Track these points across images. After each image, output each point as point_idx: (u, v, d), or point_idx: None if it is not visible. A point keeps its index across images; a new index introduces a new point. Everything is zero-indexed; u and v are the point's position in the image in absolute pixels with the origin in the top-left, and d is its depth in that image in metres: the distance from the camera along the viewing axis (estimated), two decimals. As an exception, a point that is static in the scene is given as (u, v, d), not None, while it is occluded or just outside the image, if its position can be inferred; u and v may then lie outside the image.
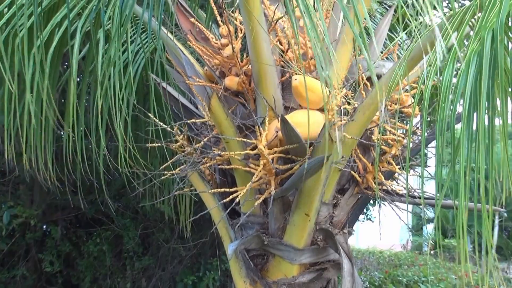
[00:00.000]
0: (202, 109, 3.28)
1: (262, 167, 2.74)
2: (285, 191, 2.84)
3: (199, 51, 3.11)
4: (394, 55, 3.33)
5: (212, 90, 3.03)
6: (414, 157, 3.29)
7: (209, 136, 3.17)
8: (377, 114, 2.99)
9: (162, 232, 7.51)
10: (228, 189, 2.93)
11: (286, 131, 2.64)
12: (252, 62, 2.94)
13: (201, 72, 3.26)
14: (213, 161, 3.14)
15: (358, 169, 3.09)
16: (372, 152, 3.12)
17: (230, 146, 2.94)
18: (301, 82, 2.73)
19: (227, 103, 3.11)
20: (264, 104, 2.93)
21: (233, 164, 2.96)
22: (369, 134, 3.05)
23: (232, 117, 2.97)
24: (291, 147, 2.71)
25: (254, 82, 3.00)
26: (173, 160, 3.33)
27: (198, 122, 3.29)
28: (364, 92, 3.03)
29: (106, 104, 3.03)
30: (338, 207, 3.12)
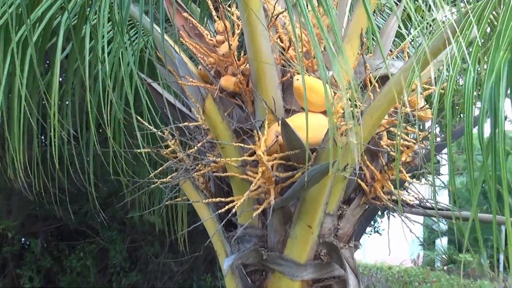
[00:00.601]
0: (196, 111, 3.27)
1: (261, 175, 2.73)
2: (285, 201, 2.84)
3: (193, 49, 3.11)
4: (405, 53, 3.34)
5: (207, 91, 3.03)
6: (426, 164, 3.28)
7: (203, 141, 3.16)
8: (386, 118, 3.00)
9: (151, 245, 7.49)
10: (223, 198, 2.93)
11: (287, 136, 2.64)
12: (250, 61, 2.94)
13: (195, 72, 3.26)
14: (207, 168, 3.13)
15: (365, 178, 3.09)
16: (381, 159, 3.12)
17: (226, 152, 2.94)
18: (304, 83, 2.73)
19: (223, 105, 3.11)
20: (263, 106, 2.93)
21: (229, 171, 2.95)
22: (377, 140, 3.05)
23: (228, 121, 2.96)
24: (292, 153, 2.71)
25: (252, 83, 3.00)
26: (164, 167, 3.33)
27: (191, 125, 3.29)
28: (372, 94, 3.03)
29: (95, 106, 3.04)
30: (343, 219, 3.12)
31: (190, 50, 3.15)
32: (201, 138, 3.19)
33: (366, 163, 3.04)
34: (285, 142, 2.69)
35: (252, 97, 3.07)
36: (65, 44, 3.79)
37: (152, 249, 7.50)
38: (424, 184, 3.30)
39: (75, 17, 3.46)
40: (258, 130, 2.81)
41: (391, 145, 3.11)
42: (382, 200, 3.08)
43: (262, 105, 2.95)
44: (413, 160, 3.12)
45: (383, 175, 3.05)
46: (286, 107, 3.06)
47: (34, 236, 7.26)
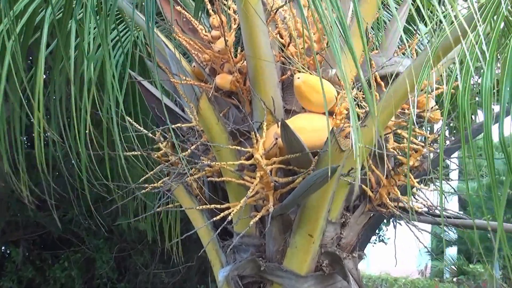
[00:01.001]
0: (189, 112, 3.27)
1: (259, 180, 2.73)
2: (285, 208, 2.84)
3: (186, 45, 3.11)
4: (413, 50, 3.34)
5: (201, 90, 3.02)
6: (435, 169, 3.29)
7: (197, 144, 3.16)
8: (393, 119, 3.00)
9: (140, 255, 7.48)
10: (219, 205, 2.92)
11: (287, 138, 2.63)
12: (248, 58, 2.94)
13: (188, 69, 3.25)
14: (201, 172, 3.13)
15: (370, 183, 3.09)
16: (387, 163, 3.11)
17: (222, 155, 2.94)
18: (305, 82, 2.73)
19: (218, 105, 3.11)
20: (262, 106, 2.93)
21: (225, 176, 2.95)
22: (383, 142, 3.05)
23: (224, 122, 2.96)
24: (292, 156, 2.70)
25: (250, 81, 3.00)
26: (154, 171, 3.32)
27: (184, 127, 3.29)
28: (378, 94, 3.03)
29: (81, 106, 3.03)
30: (346, 227, 3.12)
31: (183, 46, 3.14)
32: (195, 140, 3.19)
33: (371, 168, 3.04)
34: (285, 145, 2.69)
35: (249, 96, 3.06)
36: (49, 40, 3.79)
37: (141, 258, 7.49)
38: (433, 190, 3.29)
39: (60, 10, 3.45)
40: (256, 132, 2.81)
41: (398, 149, 3.11)
42: (388, 207, 3.08)
43: (260, 105, 2.94)
44: (421, 164, 3.12)
45: (389, 181, 3.05)
46: (286, 108, 3.06)
47: (15, 244, 7.24)
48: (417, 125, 3.21)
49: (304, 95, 2.76)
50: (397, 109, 2.86)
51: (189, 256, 6.67)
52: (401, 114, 3.06)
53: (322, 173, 2.56)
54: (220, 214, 2.79)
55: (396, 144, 3.12)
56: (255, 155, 2.71)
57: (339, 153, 2.61)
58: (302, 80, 2.74)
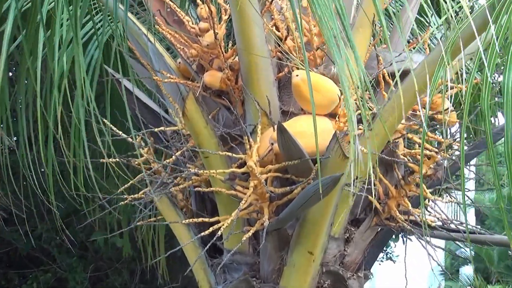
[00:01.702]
0: (174, 114, 3.27)
1: (253, 190, 2.73)
2: (282, 222, 2.83)
3: (171, 38, 3.10)
4: (425, 45, 3.35)
5: (187, 89, 3.02)
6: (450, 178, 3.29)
7: (183, 149, 3.16)
8: (403, 122, 3.00)
9: (118, 274, 7.46)
10: (207, 219, 2.92)
11: (284, 143, 2.63)
12: (240, 53, 2.93)
13: (173, 66, 3.25)
14: (187, 182, 3.12)
15: (377, 194, 3.09)
16: (396, 172, 3.12)
17: (211, 163, 2.93)
18: (304, 80, 2.72)
19: (206, 106, 3.10)
20: (256, 107, 2.92)
21: (214, 186, 2.94)
22: (392, 148, 3.05)
23: (214, 125, 2.96)
24: (290, 164, 2.70)
25: (243, 79, 3.00)
26: (134, 180, 3.31)
27: (168, 131, 3.28)
28: (386, 93, 3.03)
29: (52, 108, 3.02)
30: (351, 243, 3.12)
31: (167, 39, 3.14)
32: (180, 145, 3.18)
33: (379, 177, 3.04)
34: (282, 151, 2.69)
35: (242, 96, 3.06)
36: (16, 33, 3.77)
37: (119, 278, 7.47)
38: (448, 201, 3.29)
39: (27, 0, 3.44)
40: (249, 136, 2.80)
41: (409, 155, 3.11)
42: (398, 220, 3.08)
43: (254, 106, 2.94)
44: (435, 173, 3.12)
45: (399, 191, 3.05)
46: (283, 109, 3.06)
47: (-23, 263, 7.21)
48: (430, 129, 3.21)
49: (303, 94, 2.76)
50: (407, 111, 2.87)
51: (174, 275, 6.65)
52: (412, 116, 3.06)
53: (323, 183, 2.55)
54: (209, 229, 2.78)
55: (406, 150, 3.11)
56: (248, 163, 2.71)
57: (342, 160, 2.61)
58: (301, 78, 2.73)
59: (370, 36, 3.10)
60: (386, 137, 2.76)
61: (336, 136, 2.58)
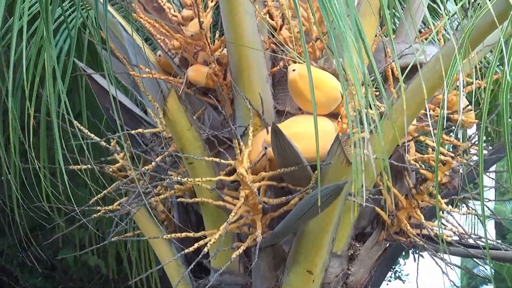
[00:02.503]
0: (154, 114, 3.26)
1: (243, 201, 2.72)
2: (277, 237, 2.83)
3: (150, 28, 3.10)
4: (440, 35, 3.35)
5: (169, 86, 3.01)
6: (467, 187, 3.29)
7: (164, 155, 3.15)
8: (414, 123, 2.99)
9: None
10: (191, 233, 2.92)
11: (279, 148, 2.62)
12: (229, 45, 2.94)
13: (153, 59, 3.25)
14: (169, 191, 3.12)
15: (385, 205, 3.09)
16: (407, 179, 3.12)
17: (195, 170, 2.93)
18: (302, 75, 2.72)
19: (191, 105, 3.11)
20: (247, 106, 2.92)
21: (200, 196, 2.94)
22: (402, 153, 3.06)
23: (199, 126, 2.96)
24: (286, 171, 2.70)
25: (232, 74, 3.00)
26: (109, 190, 3.31)
27: (147, 133, 3.28)
28: (395, 90, 3.03)
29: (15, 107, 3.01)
30: (356, 261, 3.12)
31: (145, 29, 3.13)
32: (161, 150, 3.18)
33: (387, 185, 3.04)
34: (277, 156, 2.69)
35: (231, 94, 3.06)
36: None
37: (92, 301, 7.46)
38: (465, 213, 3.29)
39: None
40: (239, 139, 2.80)
41: (421, 161, 3.11)
42: (409, 235, 3.08)
43: (245, 105, 2.95)
44: (451, 180, 3.13)
45: (410, 202, 3.05)
46: (277, 108, 3.07)
47: None
48: (446, 131, 3.22)
49: (300, 92, 2.76)
50: (419, 110, 2.86)
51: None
52: (425, 116, 3.06)
53: (324, 192, 2.55)
54: (194, 245, 2.77)
55: (418, 155, 3.12)
56: (238, 170, 2.70)
57: (346, 167, 2.61)
58: (298, 73, 2.73)
59: (376, 26, 3.10)
60: (396, 140, 2.75)
61: (338, 139, 2.58)
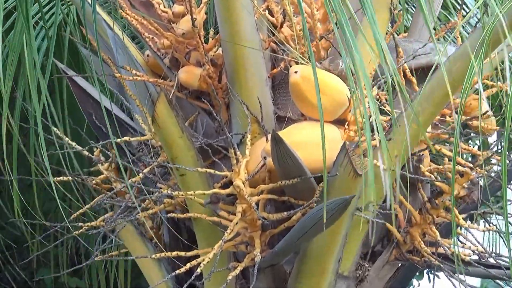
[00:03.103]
0: (141, 120, 3.26)
1: (241, 216, 2.71)
2: (278, 256, 2.83)
3: (137, 25, 3.10)
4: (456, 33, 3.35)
5: (158, 90, 3.01)
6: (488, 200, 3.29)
7: (153, 165, 3.14)
8: (429, 130, 2.99)
9: (72, 321, 7.43)
10: (183, 252, 2.91)
11: (280, 157, 2.62)
12: (225, 44, 2.94)
13: (140, 60, 3.26)
14: (158, 206, 3.11)
15: (397, 221, 3.10)
16: (421, 193, 3.12)
17: (187, 182, 2.93)
18: (305, 77, 2.72)
19: (182, 110, 3.12)
20: (244, 112, 2.92)
21: (192, 211, 2.93)
22: (415, 163, 3.05)
23: (191, 134, 2.96)
24: (288, 183, 2.69)
25: (228, 76, 3.00)
26: (91, 204, 3.30)
27: (134, 141, 3.27)
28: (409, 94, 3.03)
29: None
30: (364, 283, 3.12)
31: (133, 27, 3.13)
32: (150, 160, 3.17)
33: (399, 199, 3.04)
34: (277, 167, 2.68)
35: (227, 98, 3.07)
36: None
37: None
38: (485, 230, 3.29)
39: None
40: (236, 148, 2.79)
41: (436, 172, 3.11)
42: (423, 254, 3.08)
43: (242, 111, 2.94)
44: (469, 194, 3.12)
45: (424, 217, 3.05)
46: (278, 114, 3.07)
47: None
48: (464, 138, 3.21)
49: (303, 96, 2.75)
50: (434, 116, 2.86)
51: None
52: (441, 123, 3.06)
53: (330, 207, 2.54)
54: (186, 265, 2.76)
55: (433, 166, 3.11)
56: (234, 182, 2.70)
57: (353, 179, 2.61)
58: (301, 75, 2.72)
59: (387, 22, 3.10)
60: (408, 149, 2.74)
61: (345, 148, 2.57)
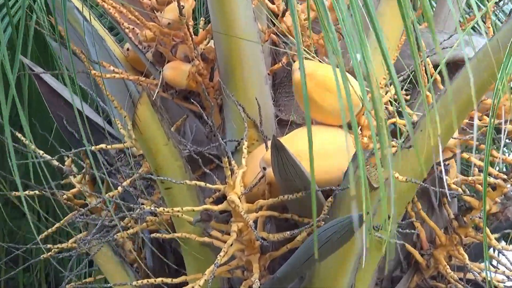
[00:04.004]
0: (120, 125, 3.26)
1: (236, 236, 2.71)
2: (279, 282, 2.82)
3: (115, 14, 3.09)
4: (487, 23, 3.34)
5: (140, 89, 3.00)
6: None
7: (134, 177, 3.14)
8: (456, 136, 2.98)
9: None
10: (169, 279, 2.91)
11: (282, 168, 2.62)
12: (217, 36, 2.94)
13: (119, 55, 3.26)
14: (140, 225, 3.11)
15: (419, 241, 3.09)
16: (447, 209, 3.12)
17: (174, 197, 2.92)
18: (311, 74, 2.72)
19: (168, 113, 3.12)
20: (240, 115, 2.93)
21: (179, 231, 2.94)
22: (439, 174, 3.05)
23: (178, 141, 2.95)
24: (291, 198, 2.69)
25: (221, 74, 3.00)
26: (62, 222, 3.29)
27: (112, 149, 3.27)
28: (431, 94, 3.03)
29: None
30: (381, 314, 3.12)
31: (110, 16, 3.13)
32: (130, 172, 3.18)
33: (420, 216, 3.03)
34: (279, 179, 2.68)
35: (219, 99, 3.07)
36: None
37: None
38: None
39: None
40: (230, 157, 2.80)
41: (464, 184, 3.10)
42: (449, 280, 3.07)
43: (237, 113, 2.95)
44: (503, 210, 3.12)
45: (450, 237, 3.05)
46: (279, 117, 3.07)
47: None
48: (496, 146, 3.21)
49: (309, 96, 2.75)
50: (462, 120, 2.86)
51: None
52: (470, 127, 3.06)
53: (339, 226, 2.54)
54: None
55: (461, 177, 3.11)
56: (229, 196, 2.69)
57: (367, 193, 2.59)
58: (306, 73, 2.71)
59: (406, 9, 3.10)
60: (432, 158, 2.74)
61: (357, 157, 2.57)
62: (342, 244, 2.64)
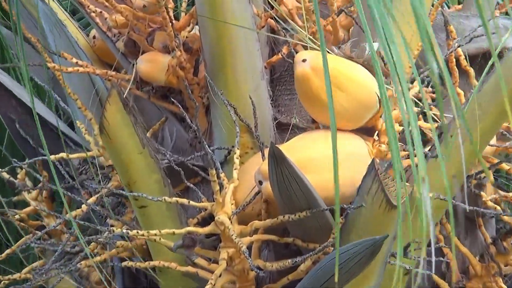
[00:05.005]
0: (85, 130, 3.22)
1: (226, 265, 2.68)
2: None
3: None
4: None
5: (109, 85, 2.97)
6: None
7: (101, 193, 3.11)
8: (493, 143, 2.96)
9: None
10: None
11: (282, 182, 2.58)
12: (203, 21, 2.92)
13: (83, 44, 3.24)
14: (109, 251, 3.09)
15: (449, 271, 3.06)
16: (483, 231, 3.10)
17: (150, 217, 2.91)
18: (316, 67, 2.68)
19: (143, 115, 3.11)
20: (230, 117, 2.91)
21: (156, 258, 2.92)
22: (473, 189, 3.02)
23: (156, 149, 2.93)
24: (293, 218, 2.65)
25: (207, 67, 2.98)
26: (13, 249, 3.27)
27: (76, 159, 3.26)
28: (463, 92, 3.01)
29: None
30: None
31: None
32: (96, 186, 3.15)
33: (452, 241, 3.01)
34: (278, 196, 2.64)
35: (206, 98, 3.06)
36: None
37: None
38: None
39: None
40: (219, 168, 2.78)
41: (504, 201, 3.08)
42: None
43: (227, 115, 2.93)
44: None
45: (487, 266, 3.03)
46: (279, 120, 3.07)
47: None
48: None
49: (315, 94, 2.71)
50: (500, 124, 2.83)
51: None
52: (509, 132, 3.04)
53: (352, 252, 2.51)
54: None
55: (501, 193, 3.08)
56: (217, 216, 2.67)
57: (386, 212, 2.58)
58: (311, 65, 2.69)
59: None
60: (462, 170, 2.71)
61: (374, 168, 2.52)
62: (356, 274, 2.62)
